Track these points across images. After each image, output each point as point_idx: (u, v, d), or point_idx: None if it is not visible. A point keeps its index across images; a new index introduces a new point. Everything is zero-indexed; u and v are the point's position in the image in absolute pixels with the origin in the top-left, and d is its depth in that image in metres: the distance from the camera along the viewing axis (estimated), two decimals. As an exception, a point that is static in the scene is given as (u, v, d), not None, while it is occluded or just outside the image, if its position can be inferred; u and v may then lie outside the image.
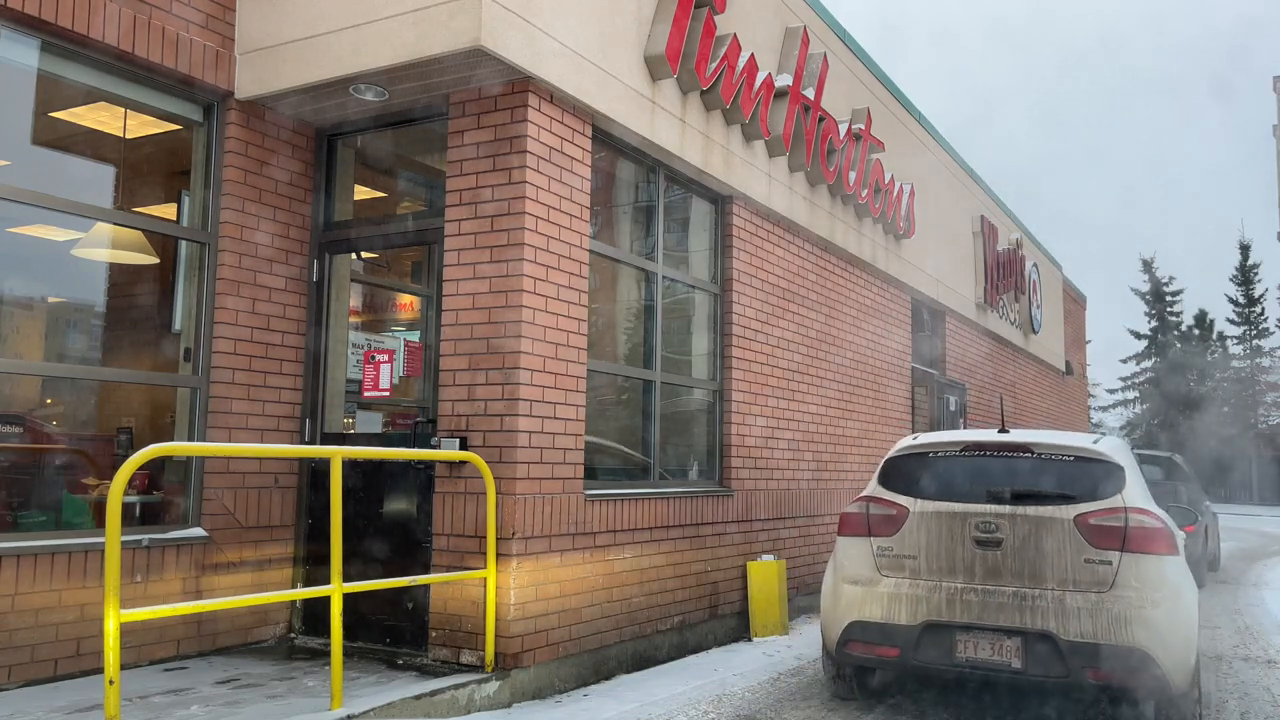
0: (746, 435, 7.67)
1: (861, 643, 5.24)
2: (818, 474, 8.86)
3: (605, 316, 6.84)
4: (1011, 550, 4.97)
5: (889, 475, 5.57)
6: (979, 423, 13.79)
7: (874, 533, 5.35)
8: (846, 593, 5.34)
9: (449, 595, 5.36)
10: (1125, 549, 4.82)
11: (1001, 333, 14.89)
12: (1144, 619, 4.70)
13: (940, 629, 5.02)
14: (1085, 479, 5.14)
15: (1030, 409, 17.07)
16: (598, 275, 6.45)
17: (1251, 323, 42.39)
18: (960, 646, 4.97)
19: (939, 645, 5.02)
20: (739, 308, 7.62)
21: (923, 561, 5.16)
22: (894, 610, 5.14)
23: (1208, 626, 8.86)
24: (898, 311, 11.00)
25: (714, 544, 7.16)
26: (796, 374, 8.52)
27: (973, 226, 13.56)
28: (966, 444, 5.52)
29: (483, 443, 5.35)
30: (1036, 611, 4.84)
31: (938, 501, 5.23)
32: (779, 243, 8.30)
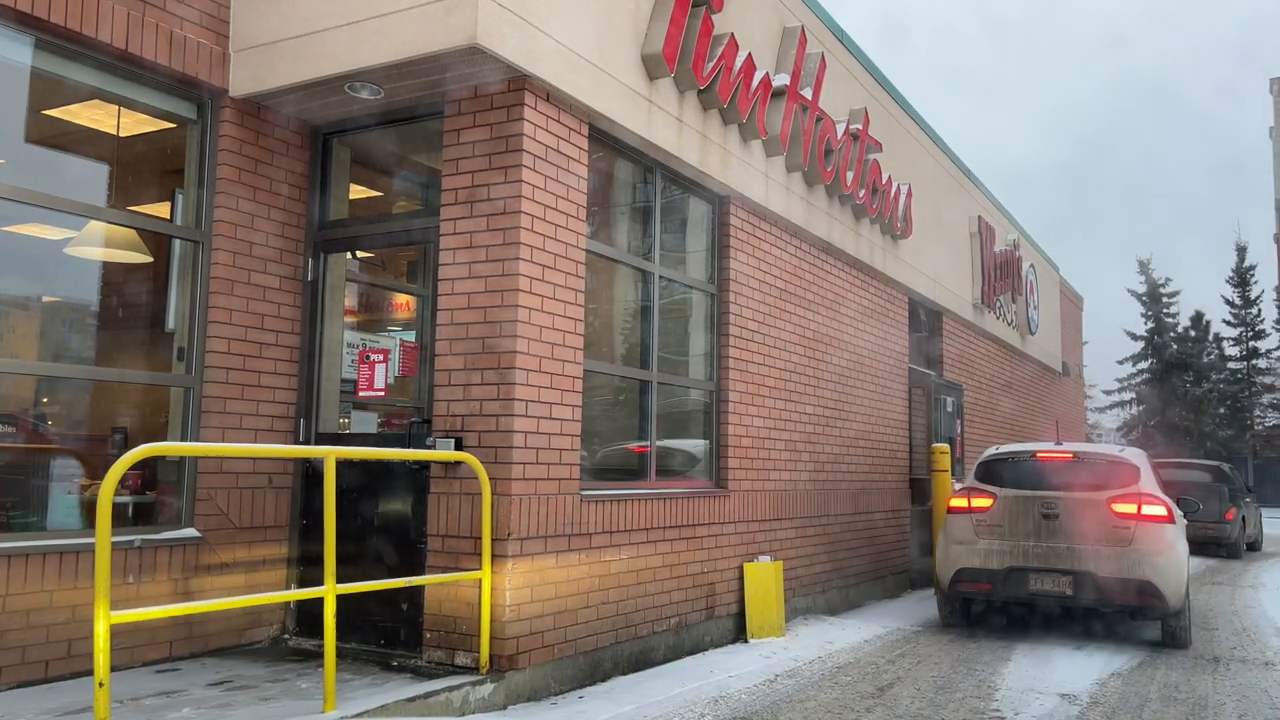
0: (744, 436, 7.65)
1: (967, 581, 8.10)
2: (815, 475, 8.83)
3: (602, 316, 6.81)
4: (1065, 520, 7.80)
5: (981, 472, 8.53)
6: (976, 424, 13.78)
7: (973, 510, 8.17)
8: (954, 550, 8.18)
9: (444, 596, 5.33)
10: (1139, 520, 7.66)
11: (999, 334, 14.88)
12: (1151, 563, 7.52)
13: (1019, 571, 7.87)
14: (1113, 474, 8.11)
15: (1028, 410, 17.07)
16: (595, 275, 6.42)
17: (1248, 324, 42.40)
18: (1032, 581, 7.82)
19: (1018, 581, 7.87)
20: (736, 308, 7.60)
21: (1006, 528, 7.99)
22: (988, 559, 7.98)
23: (1206, 628, 8.85)
24: (895, 312, 10.98)
25: (711, 545, 7.13)
26: (794, 375, 8.50)
27: (970, 227, 13.55)
28: (1034, 451, 8.61)
29: (478, 443, 5.32)
30: (1082, 558, 7.66)
31: (1016, 489, 8.11)
32: (776, 243, 8.28)
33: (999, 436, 14.93)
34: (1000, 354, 15.30)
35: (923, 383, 11.55)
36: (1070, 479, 8.10)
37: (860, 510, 9.79)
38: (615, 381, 6.75)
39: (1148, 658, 7.40)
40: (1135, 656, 7.44)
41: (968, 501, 8.24)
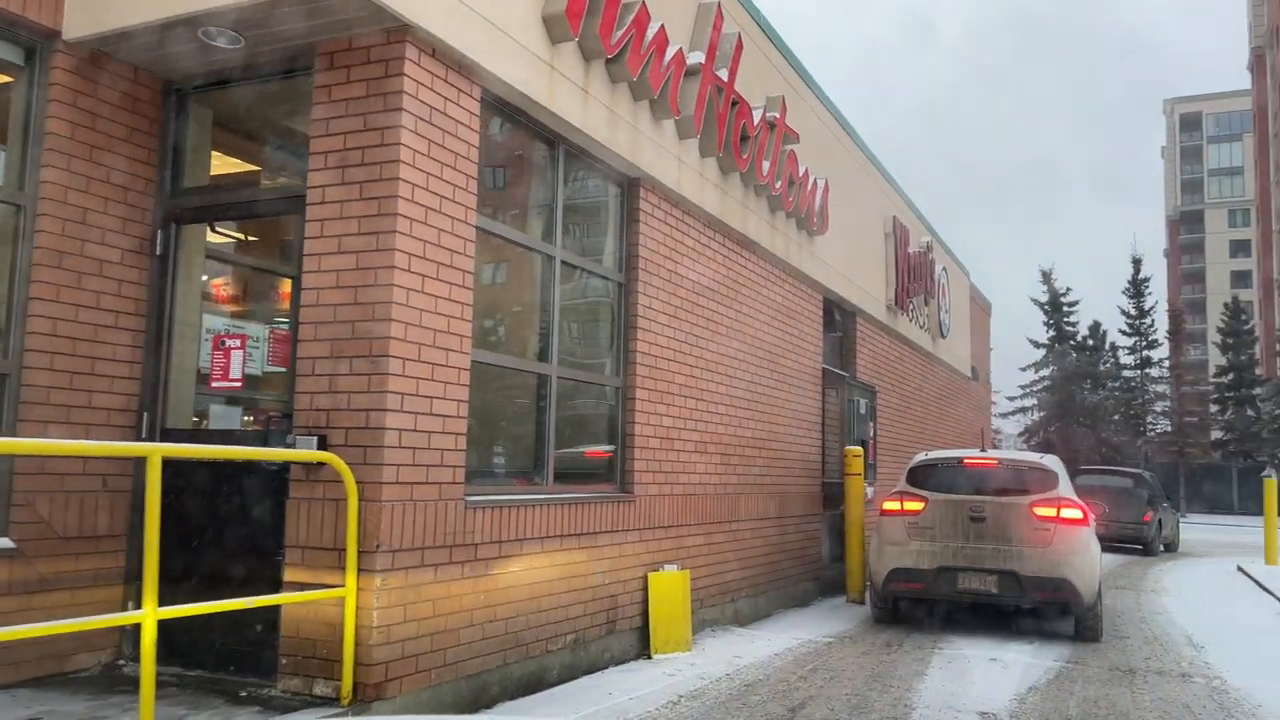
0: (651, 436, 7.13)
1: (900, 580, 8.63)
2: (726, 477, 8.37)
3: (496, 303, 6.20)
4: (991, 522, 8.38)
5: (913, 477, 9.06)
6: (888, 427, 13.56)
7: (906, 513, 8.68)
8: (888, 551, 8.69)
9: (303, 617, 4.65)
10: (1058, 522, 8.29)
11: (911, 336, 14.73)
12: (1069, 563, 8.14)
13: (948, 570, 8.40)
14: (1034, 480, 8.75)
15: (937, 414, 17.01)
16: (488, 257, 5.82)
17: (1142, 334, 43.95)
18: (960, 580, 8.37)
19: (948, 580, 8.41)
20: (645, 299, 7.08)
21: (936, 530, 8.51)
22: (919, 560, 8.49)
23: (1117, 637, 8.68)
24: (810, 310, 10.62)
25: (613, 554, 6.59)
26: (705, 372, 8.02)
27: (885, 227, 13.33)
28: (961, 458, 9.18)
29: (345, 441, 4.66)
30: (1006, 558, 8.23)
31: (946, 494, 8.67)
32: (690, 232, 7.79)
33: (910, 440, 14.78)
34: (912, 357, 15.16)
35: (836, 384, 11.23)
36: (995, 484, 8.72)
37: (772, 515, 9.38)
38: (510, 376, 6.15)
39: (1064, 669, 7.13)
40: (1052, 668, 7.16)
41: (900, 505, 8.73)
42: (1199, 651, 8.01)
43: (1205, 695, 6.37)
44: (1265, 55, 57.95)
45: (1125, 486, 18.45)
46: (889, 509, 8.81)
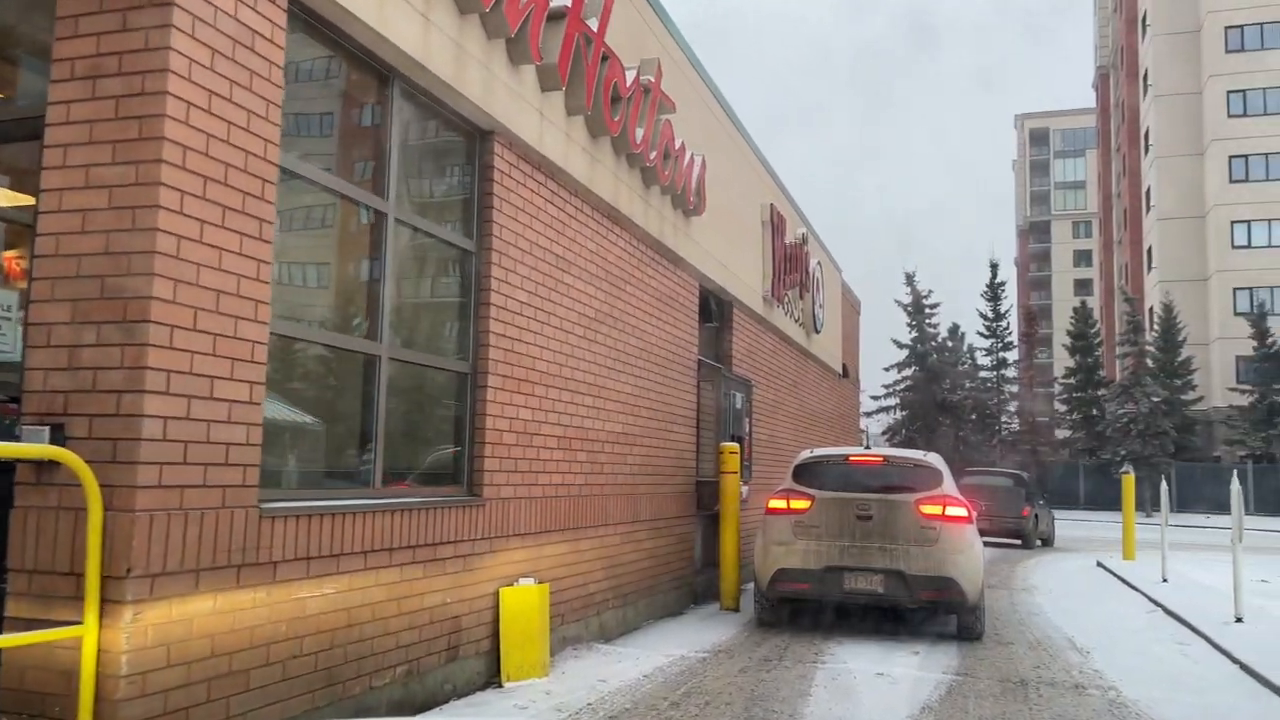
0: (506, 431, 6.19)
1: (786, 581, 8.30)
2: (594, 478, 7.51)
3: (310, 263, 5.14)
4: (878, 521, 8.11)
5: (799, 474, 8.73)
6: (763, 423, 13.00)
7: (792, 512, 8.37)
8: (774, 551, 8.37)
9: (28, 664, 3.53)
10: (943, 521, 8.07)
11: (787, 330, 14.24)
12: (954, 561, 7.96)
13: (835, 570, 8.12)
14: (921, 478, 8.50)
15: (812, 411, 16.64)
16: (299, 206, 4.77)
17: (998, 336, 45.52)
18: (847, 580, 8.09)
19: (834, 581, 8.12)
20: (500, 272, 6.14)
21: (823, 529, 8.22)
22: (806, 559, 8.19)
23: (1001, 643, 8.26)
24: (686, 298, 9.88)
25: (457, 567, 5.62)
26: (572, 359, 7.14)
27: (762, 215, 12.76)
28: (847, 455, 8.93)
29: (89, 433, 3.56)
30: (893, 558, 7.99)
31: (832, 492, 8.36)
32: (552, 199, 6.89)
33: (787, 437, 14.29)
34: (787, 351, 14.68)
35: (713, 377, 10.54)
36: (881, 482, 8.45)
37: (644, 518, 8.58)
38: (329, 356, 5.10)
39: (955, 684, 6.58)
40: (941, 682, 6.60)
41: (787, 503, 8.43)
42: (1085, 657, 7.64)
43: (1105, 710, 5.90)
44: (1109, 74, 61.34)
45: (1006, 485, 20.26)
46: (775, 508, 8.52)
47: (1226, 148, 43.85)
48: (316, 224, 4.97)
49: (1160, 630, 9.05)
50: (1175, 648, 8.07)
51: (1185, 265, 44.98)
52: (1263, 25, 43.91)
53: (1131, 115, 52.82)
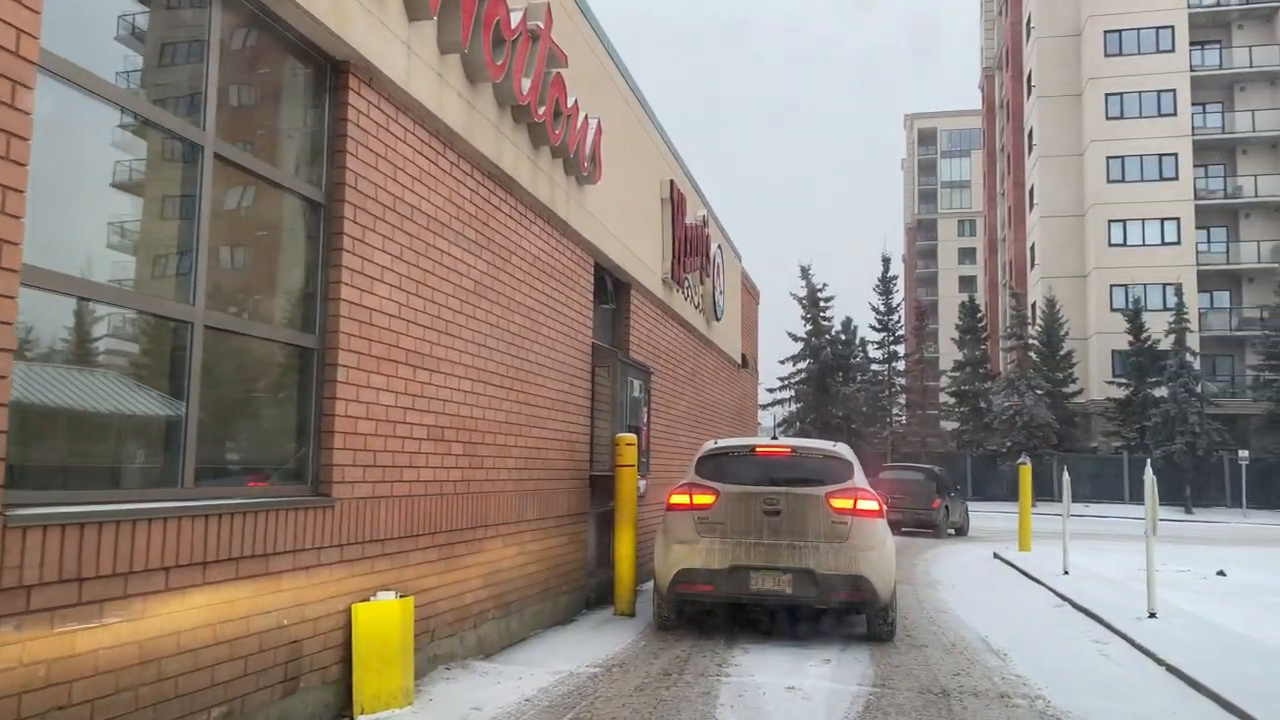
0: (363, 418, 5.24)
1: (688, 583, 7.63)
2: (472, 473, 6.61)
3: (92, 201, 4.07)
4: (786, 516, 7.52)
5: (702, 467, 8.08)
6: (661, 413, 12.27)
7: (695, 507, 7.73)
8: (675, 550, 7.70)
9: None
10: (855, 515, 7.51)
11: (686, 315, 13.53)
12: (865, 558, 7.42)
13: (741, 570, 7.48)
14: (831, 470, 7.91)
15: (713, 402, 16.02)
16: (76, 126, 3.73)
17: (890, 330, 46.18)
18: (753, 580, 7.46)
19: (740, 581, 7.49)
20: (356, 229, 5.17)
21: (728, 525, 7.59)
22: (710, 559, 7.53)
23: (915, 646, 7.71)
24: (580, 274, 9.04)
25: (298, 582, 4.66)
26: (445, 336, 6.22)
27: (662, 192, 12.00)
28: (754, 446, 8.32)
29: None
30: (802, 555, 7.40)
31: (738, 485, 7.73)
32: (424, 150, 5.95)
33: (686, 429, 13.61)
34: (687, 338, 13.99)
35: (608, 362, 9.72)
36: (790, 474, 7.90)
37: (530, 518, 7.71)
38: (118, 319, 4.06)
39: (872, 697, 5.94)
40: (859, 696, 5.96)
41: (689, 498, 7.83)
42: (1005, 661, 7.14)
43: (1039, 725, 5.34)
44: (994, 76, 63.08)
45: (918, 479, 21.85)
46: (677, 503, 7.91)
47: (1105, 149, 45.36)
48: (98, 145, 3.91)
49: (1073, 626, 8.68)
50: (1093, 647, 7.67)
51: (1066, 262, 46.41)
52: (1139, 30, 45.57)
53: (1016, 115, 54.34)
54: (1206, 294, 43.90)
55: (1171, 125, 44.55)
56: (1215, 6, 45.00)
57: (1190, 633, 7.77)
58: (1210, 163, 44.98)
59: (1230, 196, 44.33)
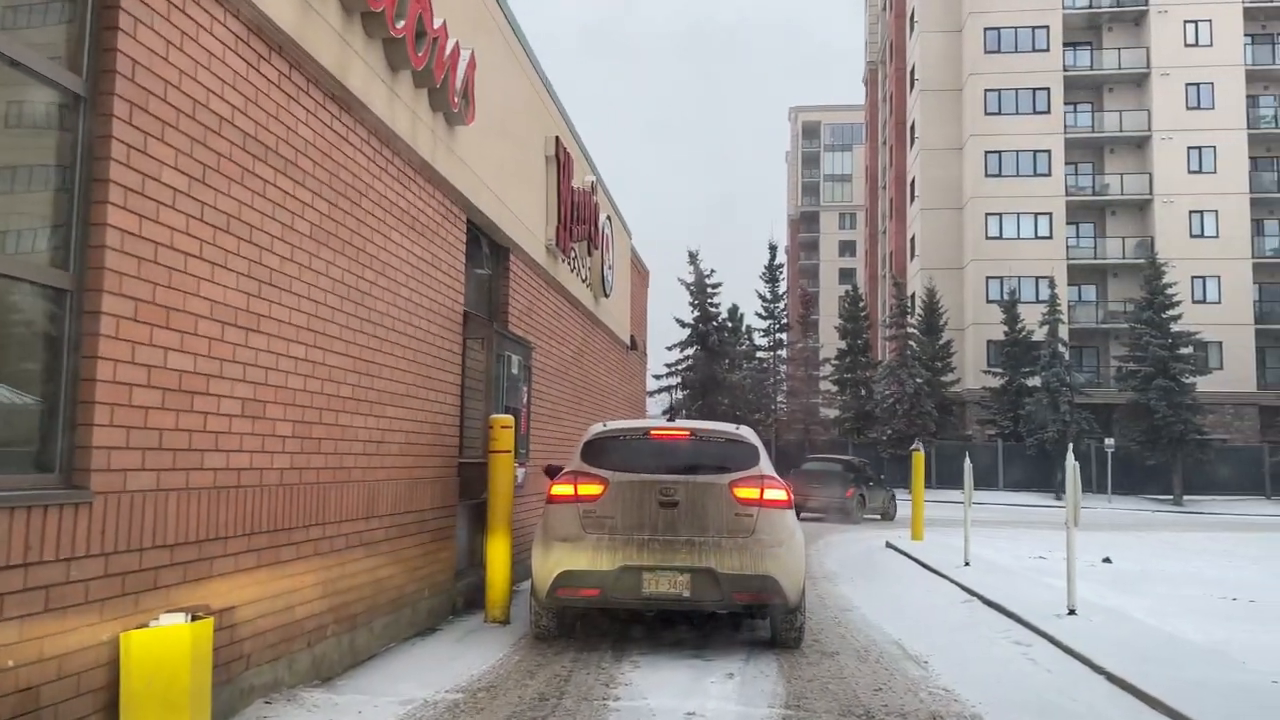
0: (141, 385, 3.96)
1: (571, 587, 6.61)
2: (304, 459, 5.37)
3: None
4: (685, 509, 6.62)
5: (589, 453, 7.02)
6: (544, 394, 11.15)
7: (580, 499, 6.74)
8: (556, 549, 6.66)
9: None
10: (761, 505, 6.67)
11: (572, 289, 12.44)
12: (773, 555, 6.55)
13: (632, 571, 6.52)
14: (734, 456, 6.98)
15: (600, 385, 14.97)
16: None
17: (775, 318, 46.11)
18: (647, 583, 6.52)
19: (631, 583, 6.53)
20: (133, 136, 3.88)
21: (619, 520, 6.65)
22: (597, 559, 6.57)
23: (825, 653, 6.85)
24: (450, 230, 7.83)
25: (32, 606, 3.38)
26: (269, 287, 4.96)
27: (546, 149, 10.86)
28: (648, 429, 7.40)
29: None
30: (702, 553, 6.51)
31: (630, 473, 6.78)
32: (238, 47, 4.66)
33: (571, 412, 12.53)
34: (573, 313, 12.89)
35: (483, 333, 8.55)
36: (689, 461, 6.94)
37: (383, 512, 6.50)
38: None
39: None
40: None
41: (574, 489, 6.81)
42: (926, 670, 6.34)
43: (987, 757, 4.50)
44: (878, 70, 64.01)
45: (835, 470, 23.98)
46: (559, 494, 6.87)
47: (983, 143, 46.30)
48: None
49: (989, 625, 8.01)
50: (1017, 651, 6.97)
51: (945, 254, 47.25)
52: (1017, 29, 46.64)
53: (899, 109, 55.14)
54: (1075, 287, 45.34)
55: (1045, 123, 45.79)
56: (1088, 9, 46.43)
57: (1114, 630, 7.18)
58: (1080, 160, 46.45)
59: (1098, 194, 45.89)
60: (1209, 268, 43.27)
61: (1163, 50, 44.88)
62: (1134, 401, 38.13)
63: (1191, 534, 22.57)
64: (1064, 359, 39.48)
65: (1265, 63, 44.94)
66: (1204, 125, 44.15)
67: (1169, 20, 45.04)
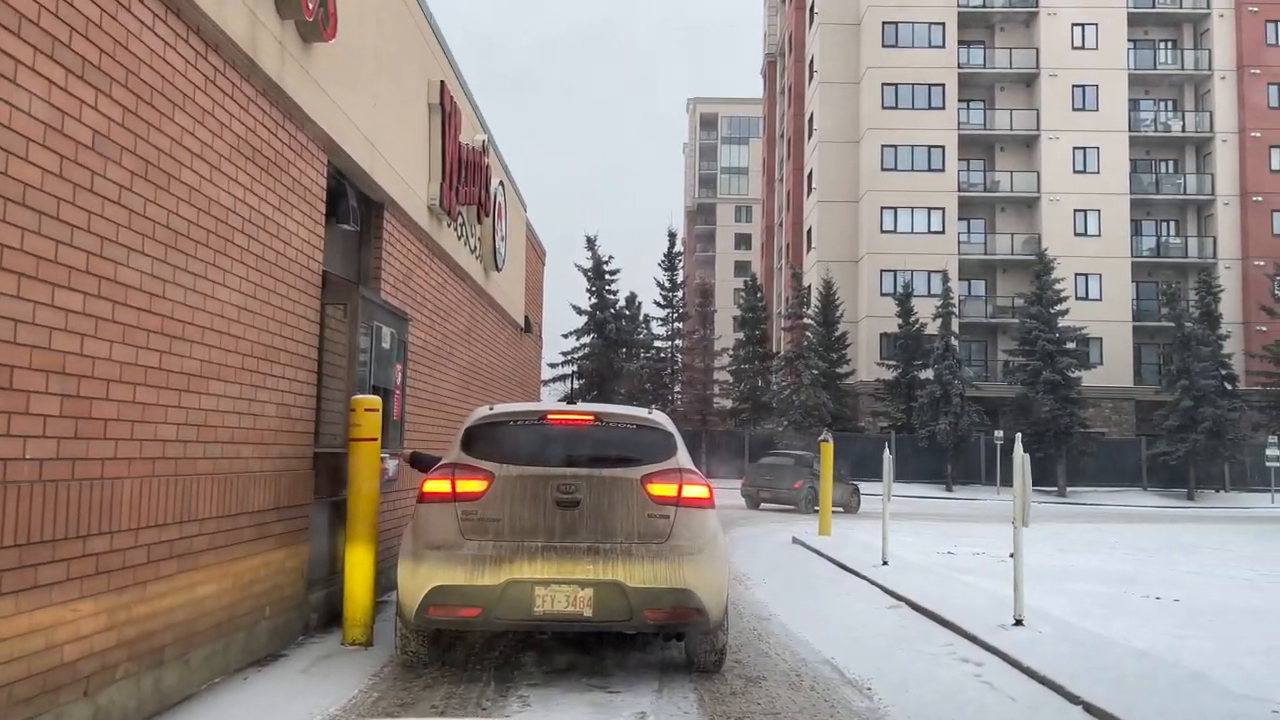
0: None
1: (444, 605, 5.35)
2: (80, 447, 4.00)
3: None
4: (589, 509, 5.49)
5: (471, 442, 5.79)
6: (423, 376, 9.81)
7: (459, 497, 5.51)
8: (428, 559, 5.41)
9: None
10: (679, 504, 5.59)
11: (459, 258, 11.10)
12: (694, 564, 5.43)
13: (523, 585, 5.29)
14: (647, 445, 5.88)
15: (488, 367, 13.63)
16: None
17: (674, 306, 45.31)
18: (540, 600, 5.30)
19: (520, 601, 5.29)
20: None
21: (506, 524, 5.46)
22: (478, 571, 5.31)
23: (749, 678, 5.81)
24: (305, 170, 6.46)
25: None
26: (21, 209, 3.57)
27: (430, 95, 9.50)
28: (543, 413, 6.11)
29: None
30: (609, 563, 5.34)
31: (522, 466, 5.58)
32: None
33: (455, 397, 11.20)
34: (461, 287, 11.55)
35: (347, 298, 7.18)
36: (593, 451, 5.83)
37: (205, 514, 5.13)
38: None
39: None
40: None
41: (450, 485, 5.61)
42: (873, 701, 5.35)
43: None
44: (777, 62, 63.97)
45: (787, 464, 25.12)
46: (433, 492, 5.64)
47: (880, 137, 46.49)
48: None
49: (927, 638, 7.12)
50: (968, 672, 6.06)
51: (841, 247, 47.31)
52: (914, 25, 46.95)
53: (798, 100, 55.09)
54: (965, 283, 45.98)
55: (940, 119, 46.22)
56: (981, 8, 47.07)
57: (1069, 645, 6.37)
58: (973, 157, 47.11)
59: (989, 191, 46.64)
60: (1091, 266, 44.43)
61: (1051, 51, 45.85)
62: (1022, 395, 38.78)
63: (1080, 526, 22.71)
64: (956, 352, 39.88)
65: (1146, 67, 46.40)
66: (1089, 126, 45.31)
67: (1058, 22, 46.04)
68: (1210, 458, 37.90)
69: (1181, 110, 47.07)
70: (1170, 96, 47.36)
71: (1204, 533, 21.29)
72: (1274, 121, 44.78)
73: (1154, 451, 38.98)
